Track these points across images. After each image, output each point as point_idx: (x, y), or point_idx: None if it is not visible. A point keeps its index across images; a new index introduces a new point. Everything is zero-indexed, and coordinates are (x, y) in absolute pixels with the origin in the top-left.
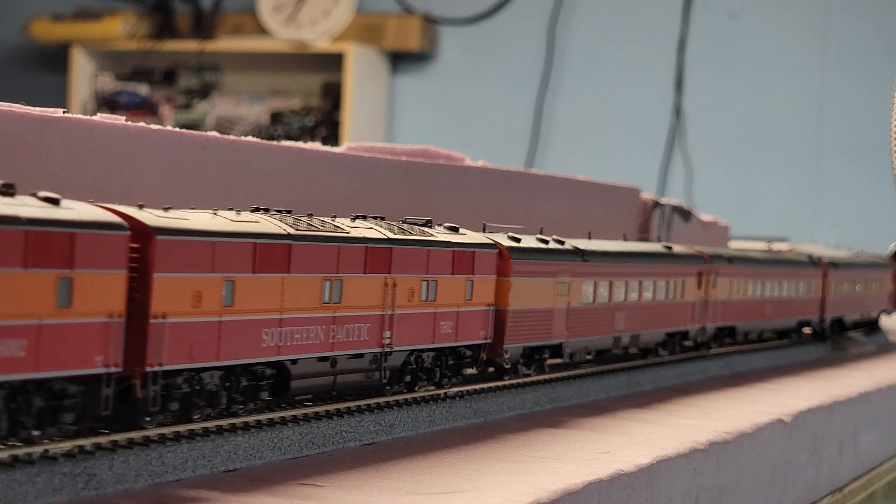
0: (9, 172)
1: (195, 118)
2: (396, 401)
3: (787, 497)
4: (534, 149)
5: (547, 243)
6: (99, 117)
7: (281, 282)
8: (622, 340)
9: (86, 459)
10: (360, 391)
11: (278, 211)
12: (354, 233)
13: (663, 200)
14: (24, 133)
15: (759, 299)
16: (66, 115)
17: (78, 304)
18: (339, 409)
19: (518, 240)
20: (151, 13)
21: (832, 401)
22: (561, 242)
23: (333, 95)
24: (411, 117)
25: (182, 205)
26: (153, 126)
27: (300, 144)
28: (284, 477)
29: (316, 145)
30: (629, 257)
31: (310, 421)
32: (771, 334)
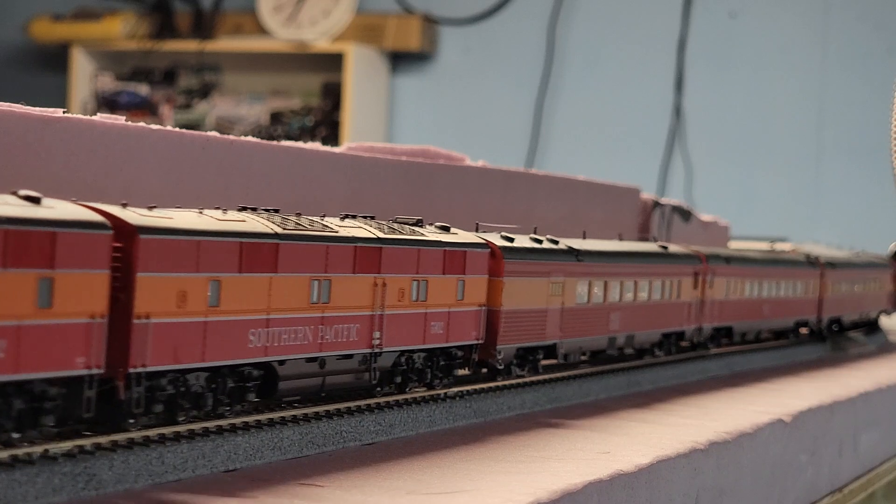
0: (9, 172)
1: (195, 118)
2: (396, 401)
3: (787, 497)
4: (534, 149)
5: (541, 243)
6: (99, 117)
7: (268, 281)
8: (617, 341)
9: (86, 459)
10: (349, 392)
11: (266, 210)
12: (343, 232)
13: (663, 200)
14: (24, 133)
15: (757, 299)
16: (66, 115)
17: (59, 305)
18: (339, 409)
19: (511, 239)
20: (151, 13)
21: (832, 401)
22: (555, 242)
23: (333, 95)
24: (411, 117)
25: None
26: (153, 126)
27: (300, 144)
28: (284, 477)
29: (316, 145)
30: (624, 257)
31: (310, 421)
32: (768, 335)
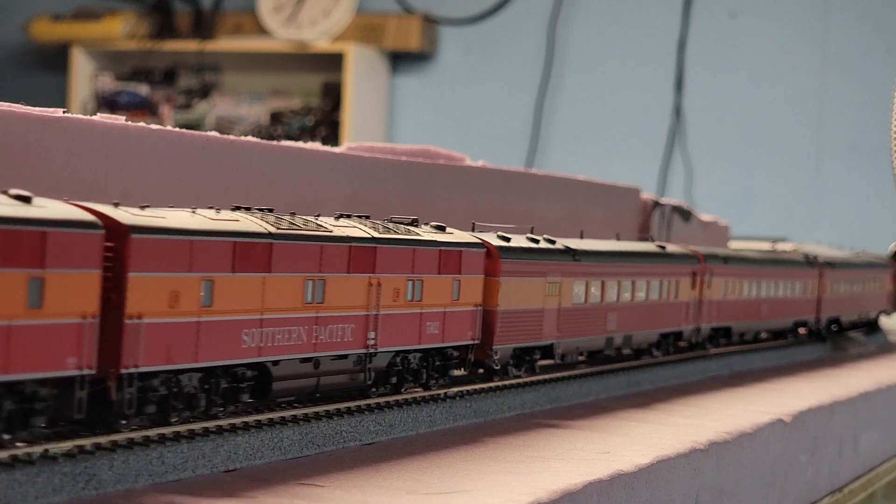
0: (9, 172)
1: (195, 118)
2: (396, 401)
3: (787, 497)
4: (534, 149)
5: (537, 243)
6: (99, 117)
7: (262, 281)
8: (615, 341)
9: (86, 459)
10: (344, 393)
11: (260, 209)
12: (338, 232)
13: (663, 200)
14: (24, 133)
15: (755, 299)
16: (66, 115)
17: (50, 305)
18: (339, 409)
19: (508, 239)
20: (151, 13)
21: (832, 401)
22: (552, 242)
23: (333, 95)
24: (411, 117)
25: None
26: (153, 126)
27: (300, 144)
28: (284, 477)
29: (316, 145)
30: (622, 257)
31: (310, 421)
32: (767, 335)
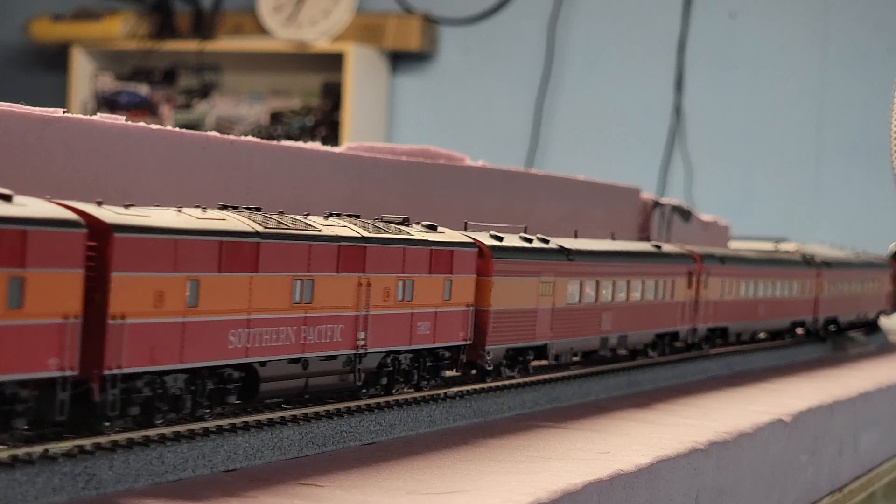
0: (9, 172)
1: (195, 118)
2: (396, 401)
3: (787, 497)
4: (534, 149)
5: (531, 242)
6: (99, 117)
7: (249, 281)
8: (610, 341)
9: (86, 459)
10: (334, 394)
11: (248, 209)
12: (327, 231)
13: (663, 200)
14: (24, 133)
15: (752, 299)
16: (66, 115)
17: (30, 305)
18: (339, 409)
19: (500, 238)
20: (151, 13)
21: (832, 401)
22: (545, 241)
23: (333, 95)
24: (411, 117)
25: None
26: (153, 126)
27: (300, 144)
28: (284, 477)
29: (316, 145)
30: (617, 256)
31: (310, 421)
32: (764, 335)
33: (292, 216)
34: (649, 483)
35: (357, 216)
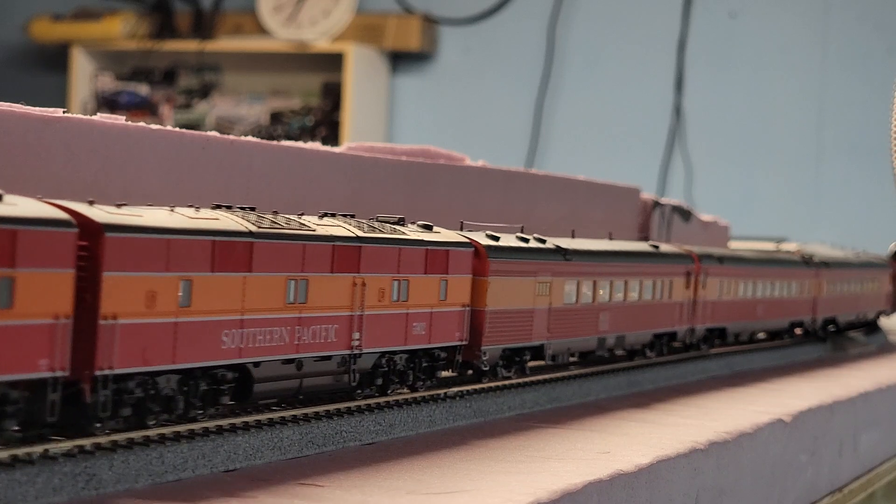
0: (9, 172)
1: (195, 118)
2: (396, 401)
3: (787, 497)
4: (534, 149)
5: (527, 242)
6: (99, 117)
7: (242, 281)
8: (607, 342)
9: (86, 459)
10: (328, 395)
11: (241, 208)
12: (321, 231)
13: (663, 200)
14: (24, 133)
15: (751, 300)
16: (66, 115)
17: (21, 305)
18: (339, 409)
19: (496, 238)
20: (151, 13)
21: (832, 401)
22: (542, 241)
23: (333, 95)
24: (411, 117)
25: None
26: (153, 126)
27: (300, 144)
28: (284, 477)
29: (316, 145)
30: (614, 256)
31: (310, 421)
32: (762, 335)
33: (286, 216)
34: (649, 483)
35: (352, 216)
